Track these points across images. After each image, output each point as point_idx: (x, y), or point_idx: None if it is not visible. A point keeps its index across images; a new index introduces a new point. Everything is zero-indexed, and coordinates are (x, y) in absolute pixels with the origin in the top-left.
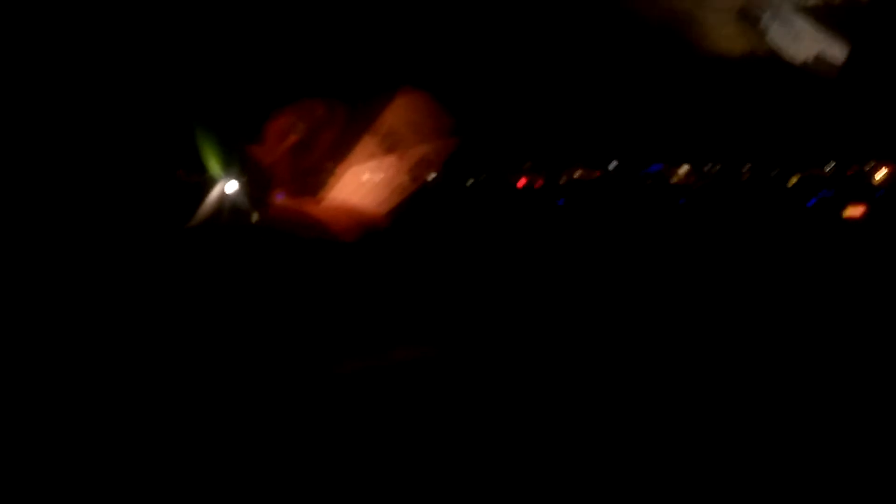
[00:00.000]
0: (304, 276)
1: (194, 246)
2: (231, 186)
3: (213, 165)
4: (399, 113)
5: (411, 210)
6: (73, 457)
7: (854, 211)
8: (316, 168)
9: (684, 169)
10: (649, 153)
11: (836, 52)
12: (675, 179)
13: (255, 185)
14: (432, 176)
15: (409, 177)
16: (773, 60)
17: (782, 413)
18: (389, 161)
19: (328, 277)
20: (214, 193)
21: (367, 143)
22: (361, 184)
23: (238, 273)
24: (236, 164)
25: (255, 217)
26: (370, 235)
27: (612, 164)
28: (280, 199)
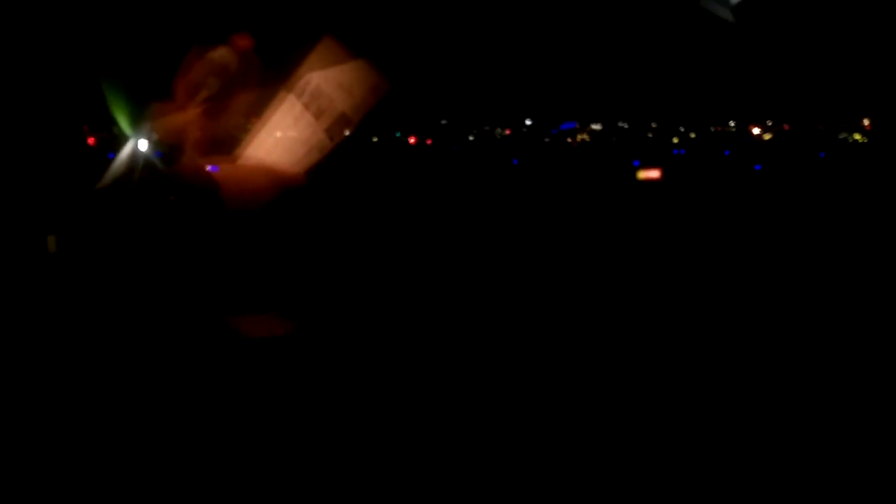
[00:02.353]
0: (217, 239)
1: (105, 207)
2: (141, 145)
3: (122, 123)
4: (318, 67)
5: (328, 169)
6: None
7: (649, 174)
8: (230, 126)
9: (597, 127)
10: (563, 111)
11: None
12: (586, 137)
13: (166, 145)
14: (348, 134)
15: (326, 135)
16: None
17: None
18: (307, 119)
19: (244, 239)
20: (124, 153)
21: (284, 100)
22: (277, 142)
23: (150, 234)
24: (146, 122)
25: (167, 177)
26: (286, 195)
27: (527, 122)
28: (192, 158)
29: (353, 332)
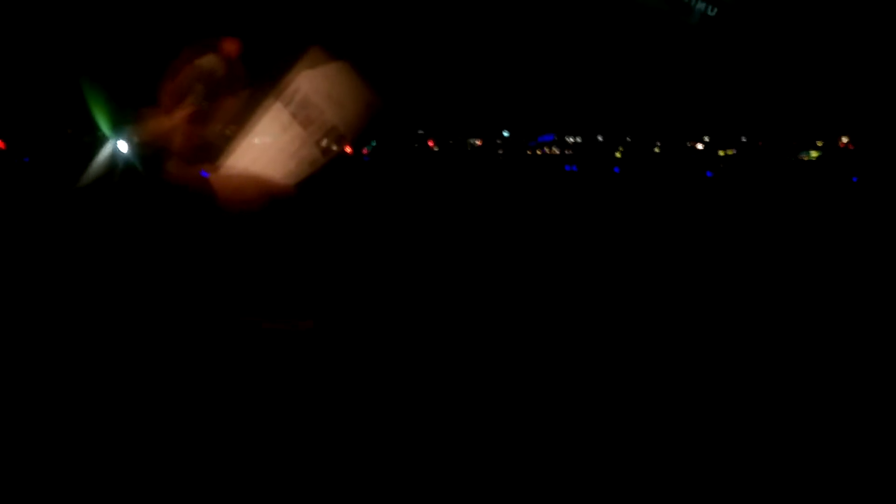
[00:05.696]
0: (197, 242)
1: (83, 206)
2: (123, 147)
3: (105, 126)
4: (310, 79)
5: (315, 181)
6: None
7: None
8: (216, 134)
9: (576, 139)
10: (542, 123)
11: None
12: (565, 149)
13: (151, 151)
14: (340, 148)
15: (316, 148)
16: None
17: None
18: (294, 128)
19: (222, 245)
20: (105, 153)
21: (272, 110)
22: (264, 152)
23: (129, 236)
24: (130, 126)
25: (149, 183)
26: (271, 205)
27: (505, 133)
28: (177, 165)
29: (353, 334)
